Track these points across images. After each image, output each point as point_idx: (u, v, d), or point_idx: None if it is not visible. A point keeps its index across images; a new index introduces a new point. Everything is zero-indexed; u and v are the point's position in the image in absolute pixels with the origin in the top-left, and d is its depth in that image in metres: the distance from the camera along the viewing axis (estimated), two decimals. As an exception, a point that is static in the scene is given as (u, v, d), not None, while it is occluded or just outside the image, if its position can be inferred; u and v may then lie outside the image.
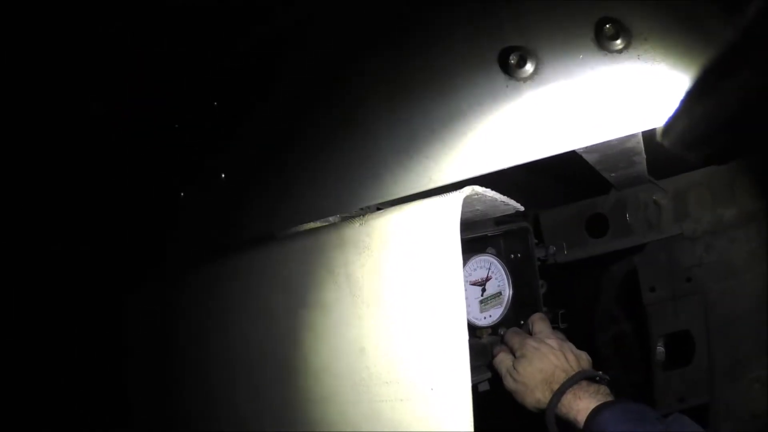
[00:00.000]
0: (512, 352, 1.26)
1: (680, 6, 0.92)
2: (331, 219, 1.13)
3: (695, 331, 1.48)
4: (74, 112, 1.37)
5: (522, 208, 1.12)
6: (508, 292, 1.35)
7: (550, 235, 1.54)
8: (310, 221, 1.12)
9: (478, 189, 0.98)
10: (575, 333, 1.34)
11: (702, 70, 0.78)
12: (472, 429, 0.89)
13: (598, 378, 1.16)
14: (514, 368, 1.21)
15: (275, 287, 1.12)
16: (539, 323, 1.29)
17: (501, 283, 1.35)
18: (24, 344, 1.49)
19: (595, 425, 1.05)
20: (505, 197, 1.06)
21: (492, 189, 1.02)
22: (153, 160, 1.35)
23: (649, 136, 1.03)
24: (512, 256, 1.39)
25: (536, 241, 1.40)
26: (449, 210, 0.96)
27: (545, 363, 1.19)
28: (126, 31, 1.22)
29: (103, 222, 1.43)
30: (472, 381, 0.91)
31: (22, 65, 1.26)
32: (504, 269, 1.34)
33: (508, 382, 1.22)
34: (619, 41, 0.93)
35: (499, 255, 1.35)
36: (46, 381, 1.51)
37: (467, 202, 0.99)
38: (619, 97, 0.93)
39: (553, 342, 1.22)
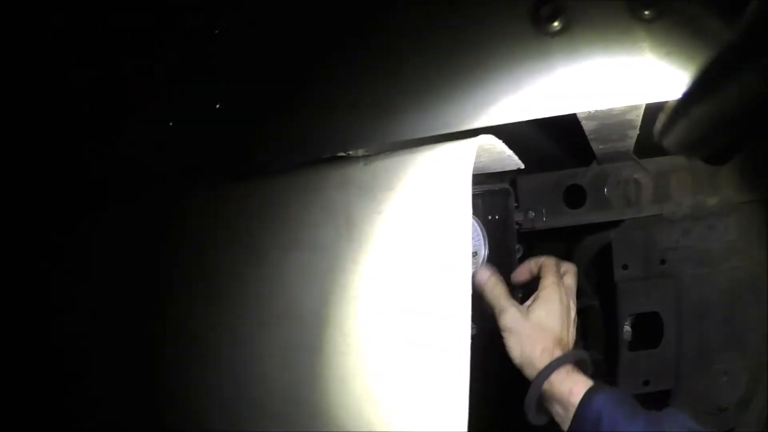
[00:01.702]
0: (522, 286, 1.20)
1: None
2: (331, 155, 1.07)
3: (665, 314, 1.49)
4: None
5: (523, 166, 1.09)
6: (483, 253, 1.31)
7: (527, 201, 1.52)
8: (309, 156, 1.05)
9: (492, 139, 0.94)
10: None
11: (701, 70, 0.76)
12: (467, 384, 0.84)
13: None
14: (529, 307, 1.09)
15: (266, 225, 1.05)
16: (554, 270, 1.16)
17: (477, 242, 1.31)
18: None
19: (593, 405, 0.98)
20: (512, 152, 1.02)
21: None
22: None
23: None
24: (490, 217, 1.35)
25: (516, 204, 1.38)
26: (463, 156, 0.91)
27: (562, 321, 1.08)
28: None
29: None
30: None
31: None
32: (482, 229, 1.31)
33: (510, 319, 1.07)
34: (648, 11, 0.92)
35: (476, 214, 1.32)
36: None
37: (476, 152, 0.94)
38: (640, 64, 0.92)
39: (573, 304, 1.14)
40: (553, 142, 1.44)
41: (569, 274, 1.21)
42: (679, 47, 0.91)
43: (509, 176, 1.54)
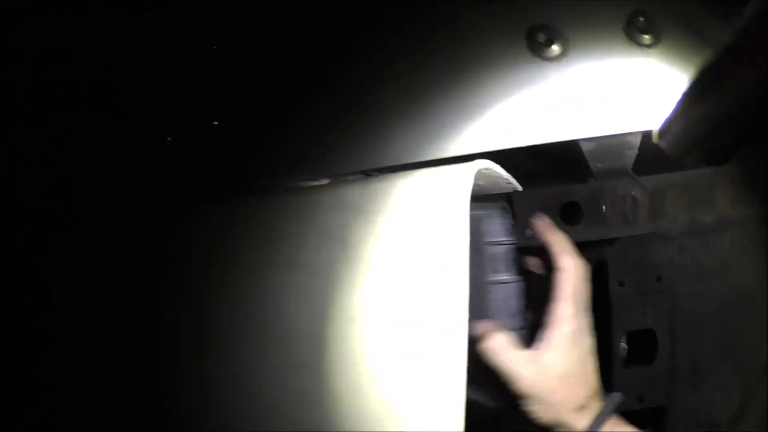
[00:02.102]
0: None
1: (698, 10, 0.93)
2: (325, 180, 1.07)
3: (660, 330, 1.49)
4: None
5: (520, 188, 1.09)
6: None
7: (523, 218, 1.51)
8: (304, 179, 1.05)
9: (489, 164, 0.94)
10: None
11: (699, 71, 0.77)
12: (463, 406, 0.84)
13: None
14: (544, 355, 0.94)
15: (262, 245, 1.05)
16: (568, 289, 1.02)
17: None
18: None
19: None
20: (509, 176, 1.03)
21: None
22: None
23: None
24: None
25: (513, 222, 1.37)
26: (461, 180, 0.91)
27: (587, 360, 0.99)
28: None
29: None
30: None
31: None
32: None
33: (523, 382, 0.92)
34: (648, 36, 0.93)
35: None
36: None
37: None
38: (638, 91, 0.93)
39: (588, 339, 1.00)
40: (549, 158, 1.44)
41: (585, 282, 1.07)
42: (678, 71, 0.92)
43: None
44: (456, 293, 0.87)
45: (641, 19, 0.93)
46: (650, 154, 1.19)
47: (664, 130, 0.89)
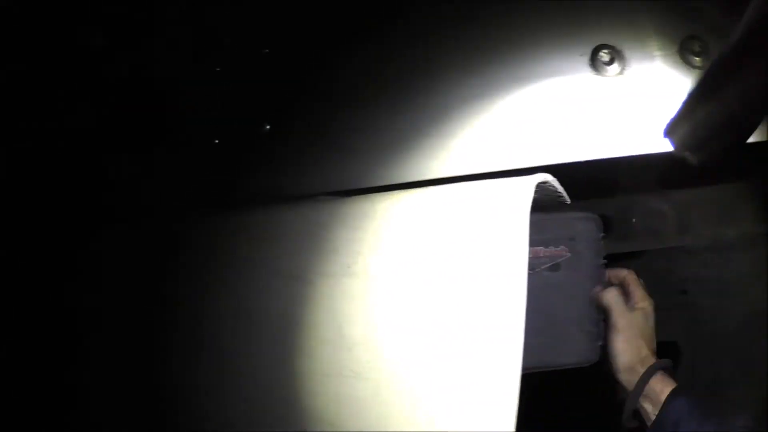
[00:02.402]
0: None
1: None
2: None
3: (682, 344, 1.50)
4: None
5: (569, 202, 1.10)
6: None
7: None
8: (353, 187, 1.05)
9: (548, 177, 0.94)
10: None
11: (704, 72, 0.78)
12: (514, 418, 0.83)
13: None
14: (631, 315, 1.19)
15: (318, 252, 1.04)
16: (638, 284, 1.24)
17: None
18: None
19: (676, 405, 1.10)
20: (563, 190, 1.03)
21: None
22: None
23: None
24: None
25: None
26: (522, 193, 0.91)
27: (653, 330, 1.22)
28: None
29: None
30: None
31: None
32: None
33: (620, 319, 1.18)
34: (699, 59, 0.94)
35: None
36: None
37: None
38: None
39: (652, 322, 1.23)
40: (581, 172, 1.44)
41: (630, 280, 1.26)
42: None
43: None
44: (514, 305, 0.87)
45: (696, 42, 0.95)
46: (678, 169, 1.21)
47: (670, 131, 0.90)
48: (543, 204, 1.13)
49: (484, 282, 0.90)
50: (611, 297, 1.21)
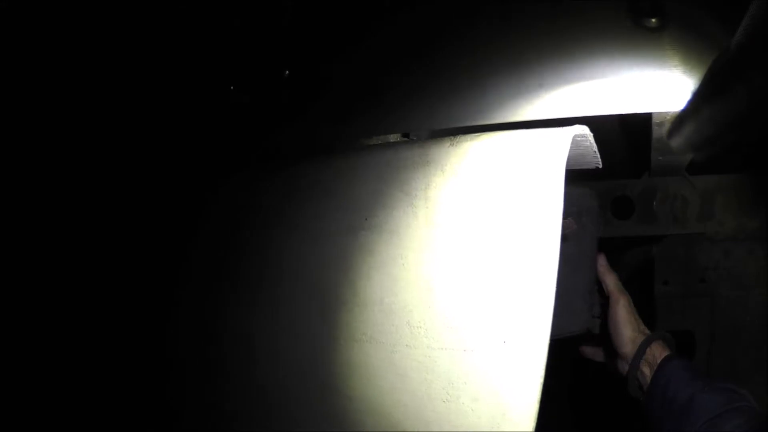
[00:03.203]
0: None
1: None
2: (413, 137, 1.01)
3: (699, 333, 1.47)
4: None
5: (601, 165, 1.05)
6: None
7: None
8: (387, 134, 1.00)
9: (586, 130, 0.89)
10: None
11: (710, 70, 0.74)
12: (539, 388, 0.78)
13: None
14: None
15: (337, 204, 0.99)
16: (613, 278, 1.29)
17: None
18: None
19: (666, 369, 1.15)
20: (597, 149, 0.98)
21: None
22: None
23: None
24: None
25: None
26: (558, 144, 0.85)
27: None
28: None
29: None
30: None
31: None
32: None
33: (624, 308, 1.24)
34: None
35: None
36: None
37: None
38: None
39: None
40: (607, 149, 1.41)
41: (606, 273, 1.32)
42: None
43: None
44: (546, 260, 0.81)
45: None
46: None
47: (675, 128, 0.88)
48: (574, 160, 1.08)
49: (515, 241, 0.84)
50: (614, 278, 1.28)
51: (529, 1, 0.99)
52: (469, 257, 0.87)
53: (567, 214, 1.10)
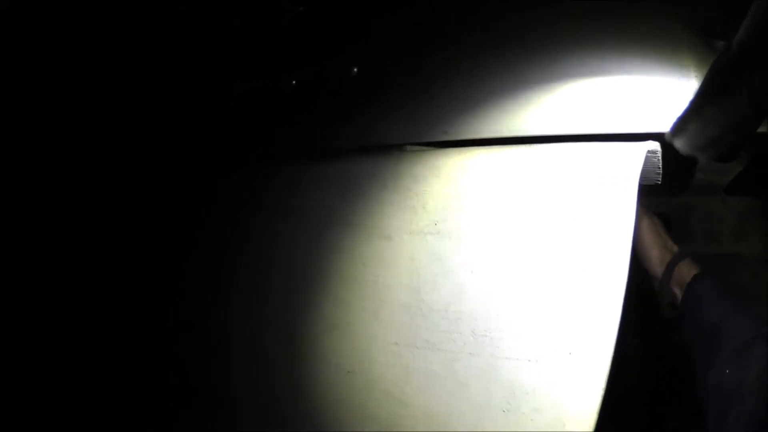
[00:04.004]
0: None
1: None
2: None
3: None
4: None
5: (660, 183, 1.05)
6: None
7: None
8: (448, 139, 0.99)
9: (657, 146, 0.89)
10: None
11: (713, 71, 0.75)
12: (600, 401, 0.79)
13: None
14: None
15: (405, 204, 0.97)
16: None
17: None
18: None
19: (697, 286, 1.15)
20: (661, 167, 0.98)
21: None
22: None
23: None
24: None
25: None
26: (633, 159, 0.86)
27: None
28: None
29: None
30: None
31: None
32: None
33: (647, 225, 1.23)
34: None
35: None
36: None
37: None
38: None
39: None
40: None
41: None
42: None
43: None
44: (616, 274, 0.81)
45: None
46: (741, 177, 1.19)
47: (678, 129, 0.88)
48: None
49: (585, 253, 0.84)
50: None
51: (598, 11, 0.98)
52: (539, 267, 0.86)
53: None
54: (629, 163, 0.85)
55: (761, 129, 0.86)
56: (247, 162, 1.21)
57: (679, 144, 0.90)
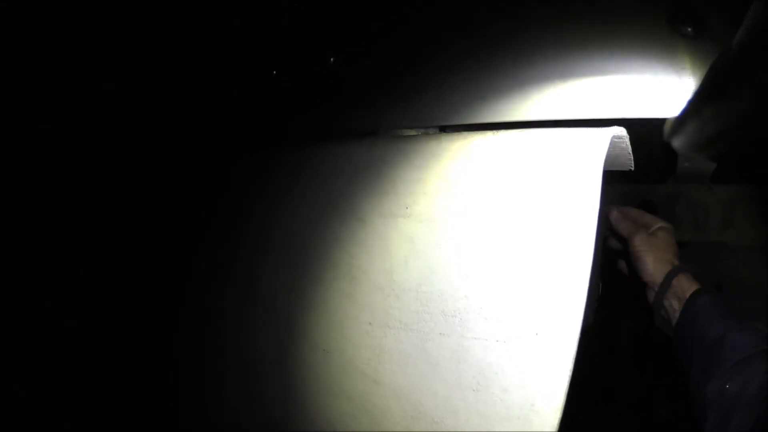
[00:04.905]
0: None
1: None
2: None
3: (713, 341, 1.46)
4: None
5: (633, 168, 1.06)
6: None
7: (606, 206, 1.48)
8: (426, 126, 1.00)
9: (623, 132, 0.90)
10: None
11: (712, 70, 0.75)
12: (568, 381, 0.80)
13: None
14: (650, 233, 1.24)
15: (377, 189, 0.99)
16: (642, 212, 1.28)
17: None
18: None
19: (696, 303, 1.13)
20: (631, 152, 0.98)
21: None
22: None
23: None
24: None
25: None
26: (598, 144, 0.86)
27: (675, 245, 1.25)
28: None
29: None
30: None
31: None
32: None
33: (641, 239, 1.22)
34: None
35: None
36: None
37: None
38: None
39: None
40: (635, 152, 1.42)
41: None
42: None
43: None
44: (581, 256, 0.82)
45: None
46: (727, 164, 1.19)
47: (675, 129, 0.88)
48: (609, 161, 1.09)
49: (551, 235, 0.85)
50: (627, 226, 1.27)
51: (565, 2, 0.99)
52: (506, 249, 0.88)
53: None
54: (595, 148, 0.86)
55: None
56: (242, 150, 1.23)
57: (677, 143, 0.90)
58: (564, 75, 0.96)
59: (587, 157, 0.86)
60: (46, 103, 1.36)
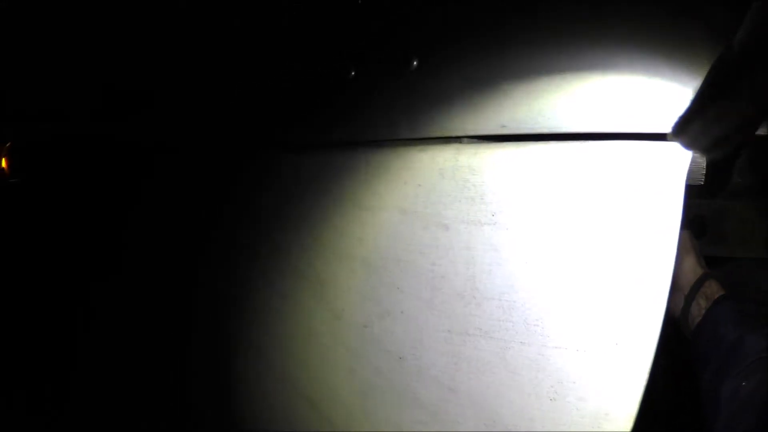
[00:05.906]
0: None
1: None
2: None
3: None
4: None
5: (703, 183, 1.07)
6: None
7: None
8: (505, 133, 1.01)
9: None
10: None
11: (715, 70, 0.76)
12: (642, 390, 0.82)
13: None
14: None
15: (463, 194, 1.01)
16: None
17: None
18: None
19: (718, 307, 1.18)
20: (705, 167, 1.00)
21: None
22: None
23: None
24: None
25: None
26: (680, 157, 0.88)
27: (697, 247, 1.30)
28: None
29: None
30: None
31: None
32: None
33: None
34: None
35: None
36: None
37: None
38: None
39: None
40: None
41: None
42: None
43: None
44: (662, 267, 0.84)
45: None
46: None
47: (681, 127, 0.89)
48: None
49: (634, 246, 0.87)
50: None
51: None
52: (589, 260, 0.90)
53: None
54: (676, 161, 0.88)
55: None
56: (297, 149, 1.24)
57: (682, 144, 0.90)
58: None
59: (669, 171, 0.88)
60: (49, 102, 1.37)
